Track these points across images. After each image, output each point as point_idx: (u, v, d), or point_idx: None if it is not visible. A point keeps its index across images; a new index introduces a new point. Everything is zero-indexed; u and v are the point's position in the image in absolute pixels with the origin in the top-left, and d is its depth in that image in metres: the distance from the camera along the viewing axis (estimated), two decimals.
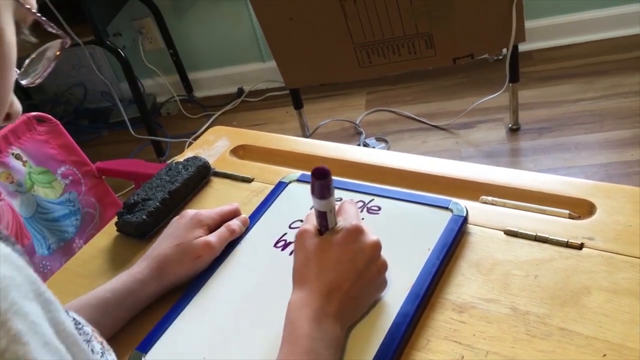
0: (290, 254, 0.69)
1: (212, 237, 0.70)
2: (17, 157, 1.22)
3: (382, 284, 0.61)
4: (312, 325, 0.54)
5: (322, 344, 0.53)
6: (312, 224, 0.61)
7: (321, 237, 0.59)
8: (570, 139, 1.87)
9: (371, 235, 0.60)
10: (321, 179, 0.55)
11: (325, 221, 0.59)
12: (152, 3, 2.42)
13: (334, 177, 0.79)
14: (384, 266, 0.60)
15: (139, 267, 0.68)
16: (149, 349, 0.62)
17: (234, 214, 0.76)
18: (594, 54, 2.21)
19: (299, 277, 0.59)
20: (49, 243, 1.25)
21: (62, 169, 1.29)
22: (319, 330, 0.54)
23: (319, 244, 0.59)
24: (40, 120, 1.28)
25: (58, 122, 1.29)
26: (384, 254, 0.65)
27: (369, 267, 0.59)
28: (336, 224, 0.59)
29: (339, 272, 0.57)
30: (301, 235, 0.60)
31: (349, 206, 0.63)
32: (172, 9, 2.48)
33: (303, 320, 0.54)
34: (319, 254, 0.58)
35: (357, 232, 0.59)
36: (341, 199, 0.72)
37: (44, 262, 1.22)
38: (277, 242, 0.72)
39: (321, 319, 0.55)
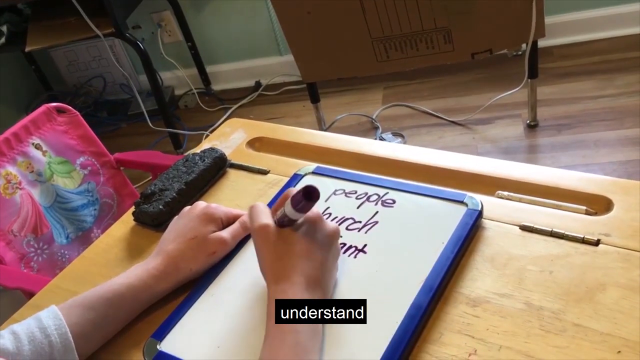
0: None
1: (226, 234, 0.71)
2: (37, 146, 1.24)
3: (337, 268, 0.64)
4: None
5: (306, 336, 0.54)
6: (269, 218, 0.61)
7: (286, 229, 0.60)
8: (589, 135, 1.86)
9: (330, 222, 0.62)
10: (310, 200, 0.56)
11: (291, 224, 0.60)
12: None
13: (349, 170, 0.80)
14: (339, 252, 0.64)
15: (155, 262, 0.68)
16: (164, 337, 0.63)
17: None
18: (614, 51, 2.18)
19: (274, 272, 0.59)
20: (67, 232, 1.26)
21: (81, 159, 1.31)
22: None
23: (285, 237, 0.59)
24: (60, 110, 1.29)
25: (77, 113, 1.31)
26: (400, 246, 0.66)
27: (332, 252, 0.61)
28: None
29: (312, 261, 0.58)
30: (263, 230, 0.60)
31: None
32: (191, 2, 2.49)
33: None
34: (287, 247, 0.59)
35: (319, 219, 0.61)
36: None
37: (62, 251, 1.24)
38: None
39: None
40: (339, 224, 0.71)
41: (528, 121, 1.97)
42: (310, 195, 0.56)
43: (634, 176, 1.66)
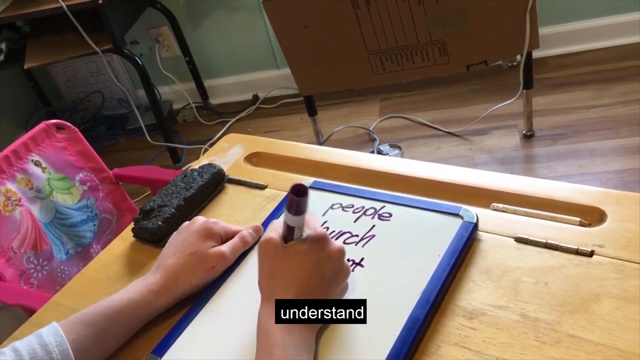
0: None
1: (226, 248, 0.71)
2: (37, 163, 1.24)
3: (345, 288, 0.63)
4: (284, 334, 0.55)
5: (295, 351, 0.55)
6: (276, 232, 0.60)
7: (287, 245, 0.59)
8: (584, 145, 1.87)
9: (336, 242, 0.61)
10: (299, 196, 0.56)
11: (292, 235, 0.59)
12: (168, 11, 2.45)
13: (346, 184, 0.81)
14: (347, 272, 0.62)
15: (154, 278, 0.68)
16: (164, 353, 0.63)
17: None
18: (609, 61, 2.20)
19: (267, 287, 0.60)
20: (67, 248, 1.27)
21: (80, 175, 1.32)
22: (292, 338, 0.55)
23: (285, 253, 0.59)
24: (59, 127, 1.30)
25: (76, 129, 1.32)
26: (396, 259, 0.67)
27: (335, 273, 0.60)
28: (301, 235, 0.60)
29: (307, 279, 0.58)
30: (266, 244, 0.60)
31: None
32: (188, 17, 2.51)
33: (275, 329, 0.55)
34: (286, 263, 0.59)
35: (323, 239, 0.60)
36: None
37: (62, 267, 1.25)
38: None
39: (293, 326, 0.56)
40: (336, 238, 0.72)
41: (524, 131, 1.99)
42: (299, 191, 0.55)
43: (630, 185, 1.67)
